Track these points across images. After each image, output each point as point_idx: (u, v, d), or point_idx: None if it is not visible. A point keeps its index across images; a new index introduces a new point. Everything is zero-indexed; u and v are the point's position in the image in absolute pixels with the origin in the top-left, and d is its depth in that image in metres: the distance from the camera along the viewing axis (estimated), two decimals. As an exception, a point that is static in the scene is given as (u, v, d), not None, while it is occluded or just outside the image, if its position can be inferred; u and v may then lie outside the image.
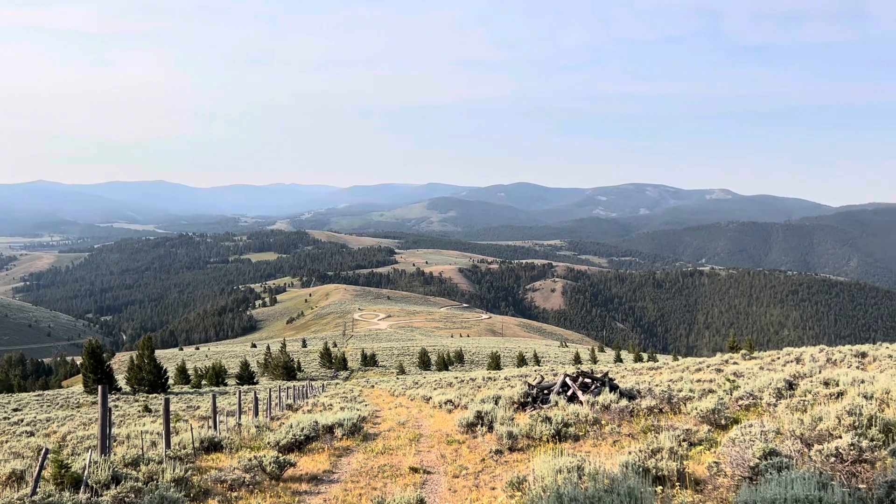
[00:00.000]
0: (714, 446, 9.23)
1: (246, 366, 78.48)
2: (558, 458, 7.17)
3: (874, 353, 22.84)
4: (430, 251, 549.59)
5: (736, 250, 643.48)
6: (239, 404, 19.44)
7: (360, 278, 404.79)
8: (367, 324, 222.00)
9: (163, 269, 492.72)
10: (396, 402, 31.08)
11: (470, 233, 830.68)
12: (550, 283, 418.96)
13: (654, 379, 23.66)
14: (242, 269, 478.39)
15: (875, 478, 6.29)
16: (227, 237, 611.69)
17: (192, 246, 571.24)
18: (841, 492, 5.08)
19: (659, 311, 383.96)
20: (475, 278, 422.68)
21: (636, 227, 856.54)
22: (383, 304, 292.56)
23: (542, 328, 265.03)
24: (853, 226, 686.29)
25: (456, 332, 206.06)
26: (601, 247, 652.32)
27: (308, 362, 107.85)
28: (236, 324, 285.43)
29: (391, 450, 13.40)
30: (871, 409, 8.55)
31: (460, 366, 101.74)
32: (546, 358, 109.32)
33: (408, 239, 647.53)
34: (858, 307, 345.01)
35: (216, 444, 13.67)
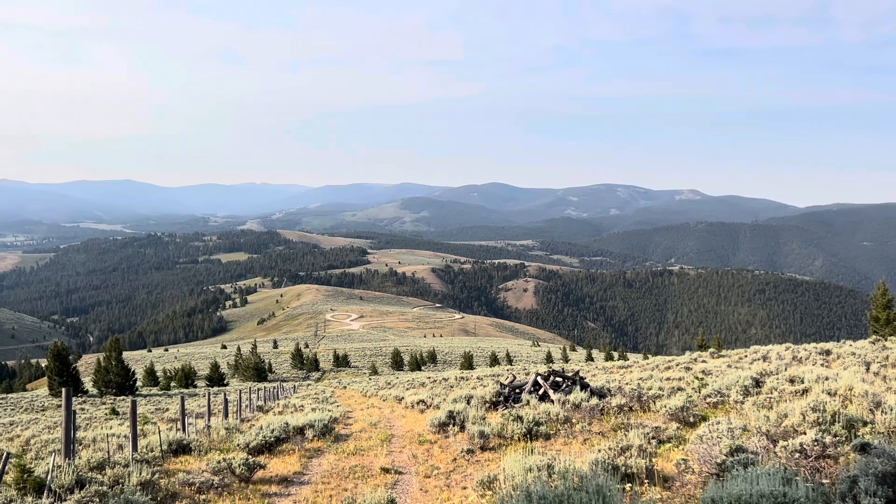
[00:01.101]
0: (683, 443, 9.33)
1: (216, 367, 77.54)
2: (529, 457, 7.19)
3: (838, 351, 23.29)
4: (402, 251, 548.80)
5: (705, 250, 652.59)
6: (208, 406, 19.19)
7: (332, 279, 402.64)
8: (340, 324, 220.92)
9: (131, 270, 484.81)
10: (369, 402, 30.96)
11: (443, 233, 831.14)
12: (523, 282, 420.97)
13: (625, 377, 23.88)
14: (212, 269, 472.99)
15: (838, 473, 6.41)
16: (197, 237, 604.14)
17: (160, 246, 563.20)
18: (805, 487, 5.16)
19: (629, 311, 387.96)
20: (448, 278, 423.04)
21: (607, 228, 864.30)
22: (356, 305, 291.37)
23: (515, 328, 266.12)
24: (818, 226, 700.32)
25: (429, 332, 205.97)
26: (573, 247, 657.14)
27: (279, 363, 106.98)
28: (206, 325, 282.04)
29: (362, 450, 13.33)
30: (835, 406, 8.72)
31: (433, 366, 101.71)
32: (518, 357, 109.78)
33: (380, 239, 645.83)
34: (823, 306, 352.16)
35: (185, 447, 13.49)
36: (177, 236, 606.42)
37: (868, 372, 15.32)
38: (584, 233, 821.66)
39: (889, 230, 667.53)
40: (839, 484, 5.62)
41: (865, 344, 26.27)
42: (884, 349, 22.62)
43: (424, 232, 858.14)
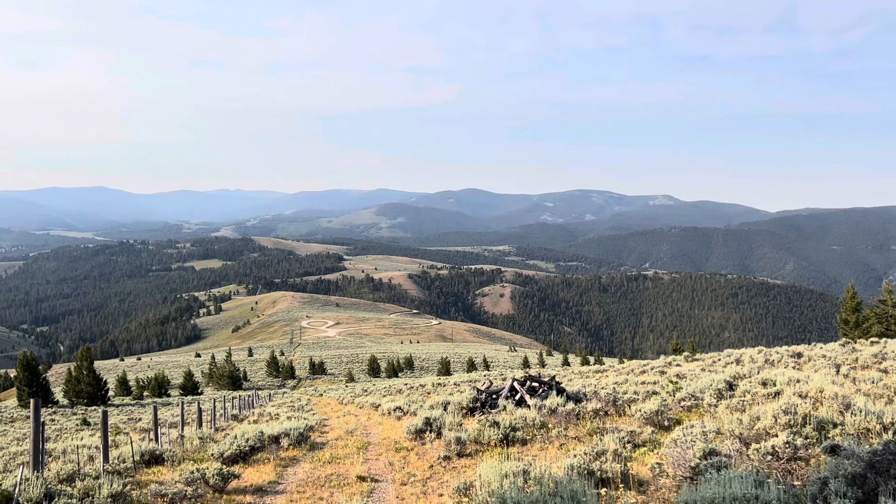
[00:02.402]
0: (657, 447, 9.39)
1: (190, 376, 76.64)
2: (505, 463, 7.19)
3: (809, 354, 23.64)
4: (379, 257, 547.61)
5: (678, 255, 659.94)
6: (182, 415, 18.95)
7: (308, 285, 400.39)
8: (316, 331, 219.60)
9: (102, 278, 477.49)
10: (345, 410, 30.79)
11: (419, 239, 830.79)
12: (499, 288, 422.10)
13: (601, 382, 24.01)
14: (186, 276, 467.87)
15: (809, 474, 6.49)
16: (170, 244, 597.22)
17: (133, 253, 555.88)
18: (776, 489, 5.22)
19: (605, 315, 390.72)
20: (425, 284, 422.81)
21: (582, 233, 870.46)
22: (332, 312, 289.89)
23: (492, 333, 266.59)
24: (789, 230, 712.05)
25: (406, 338, 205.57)
26: (549, 252, 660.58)
27: (254, 371, 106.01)
28: (180, 333, 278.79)
29: (338, 459, 13.24)
30: (806, 408, 8.84)
31: (410, 372, 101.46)
32: (495, 363, 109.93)
33: (357, 245, 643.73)
34: (795, 309, 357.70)
35: (157, 457, 13.29)
36: (150, 244, 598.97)
37: (838, 374, 15.57)
38: (559, 238, 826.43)
39: (857, 234, 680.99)
40: (810, 485, 5.70)
41: (836, 346, 26.69)
42: (853, 351, 23.01)
43: (401, 238, 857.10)
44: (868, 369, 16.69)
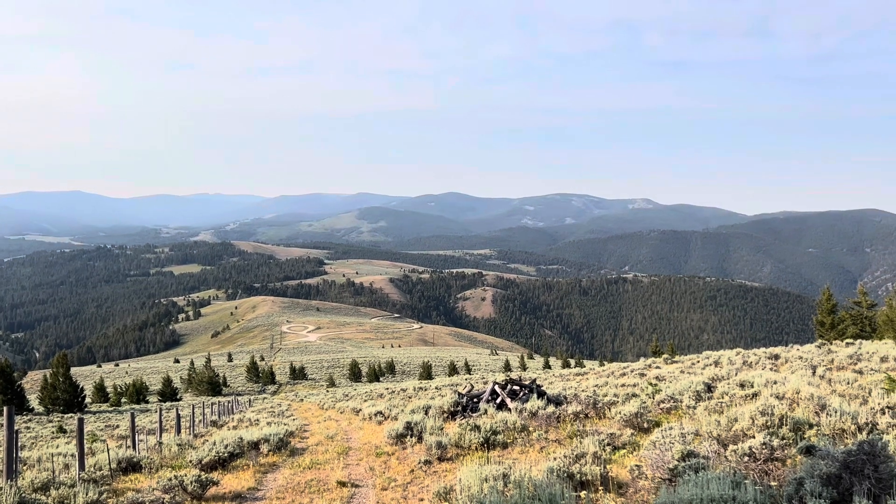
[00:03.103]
0: (637, 449, 9.45)
1: (168, 382, 75.86)
2: (485, 467, 7.19)
3: (786, 355, 23.92)
4: (360, 261, 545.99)
5: (657, 258, 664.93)
6: (160, 422, 18.75)
7: (288, 290, 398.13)
8: (296, 336, 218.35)
9: (79, 283, 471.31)
10: (326, 415, 30.62)
11: (400, 243, 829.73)
12: (481, 291, 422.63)
13: (581, 384, 24.11)
14: (164, 281, 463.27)
15: (785, 475, 6.56)
16: (148, 249, 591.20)
17: (110, 258, 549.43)
18: (753, 490, 5.27)
19: (585, 318, 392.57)
20: (406, 288, 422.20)
21: (563, 236, 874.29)
22: (313, 316, 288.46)
23: (473, 337, 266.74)
24: (766, 233, 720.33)
25: (387, 342, 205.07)
26: (529, 255, 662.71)
27: (234, 377, 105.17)
28: (158, 339, 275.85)
29: (319, 464, 13.16)
30: (783, 409, 8.94)
31: (392, 376, 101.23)
32: (477, 366, 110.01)
33: (337, 249, 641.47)
34: (772, 311, 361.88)
35: (135, 465, 13.13)
36: (127, 248, 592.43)
37: (814, 375, 15.77)
38: (540, 241, 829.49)
39: (833, 237, 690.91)
40: (786, 486, 5.76)
41: (812, 348, 27.04)
42: (829, 353, 23.32)
43: (382, 242, 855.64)
44: (843, 370, 16.93)
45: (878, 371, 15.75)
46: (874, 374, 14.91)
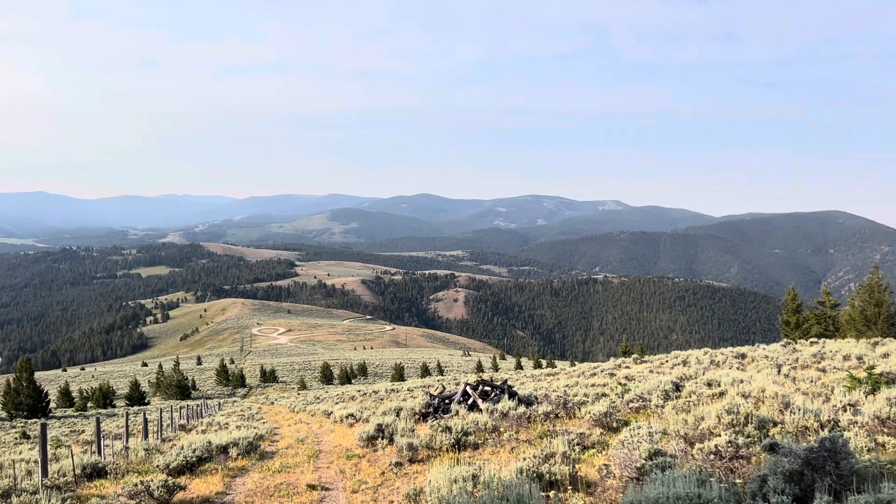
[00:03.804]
0: (606, 449, 9.53)
1: (136, 386, 74.62)
2: (455, 468, 7.19)
3: (752, 354, 24.32)
4: (332, 263, 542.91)
5: (627, 259, 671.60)
6: (126, 426, 18.43)
7: (258, 292, 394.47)
8: (267, 339, 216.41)
9: (44, 286, 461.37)
10: (296, 418, 30.41)
11: (373, 244, 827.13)
12: (453, 293, 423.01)
13: (552, 385, 24.24)
14: (132, 284, 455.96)
15: (750, 472, 6.67)
16: (115, 251, 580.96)
17: (76, 260, 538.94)
18: (718, 487, 5.35)
19: (557, 319, 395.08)
20: (379, 290, 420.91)
21: (534, 238, 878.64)
22: (283, 318, 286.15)
23: (446, 338, 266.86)
24: (733, 234, 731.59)
25: (359, 344, 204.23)
26: (501, 257, 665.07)
27: (203, 380, 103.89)
28: (126, 342, 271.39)
29: (289, 468, 13.06)
30: (748, 408, 9.08)
31: (364, 379, 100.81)
32: (449, 367, 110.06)
33: (309, 251, 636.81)
34: (739, 311, 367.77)
35: (100, 470, 12.90)
36: (94, 250, 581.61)
37: (779, 374, 16.05)
38: (512, 243, 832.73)
39: (798, 238, 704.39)
40: (751, 483, 5.85)
41: (777, 347, 27.52)
42: (794, 352, 23.76)
43: (354, 243, 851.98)
44: (808, 369, 17.25)
45: (841, 369, 16.08)
46: (837, 373, 15.22)
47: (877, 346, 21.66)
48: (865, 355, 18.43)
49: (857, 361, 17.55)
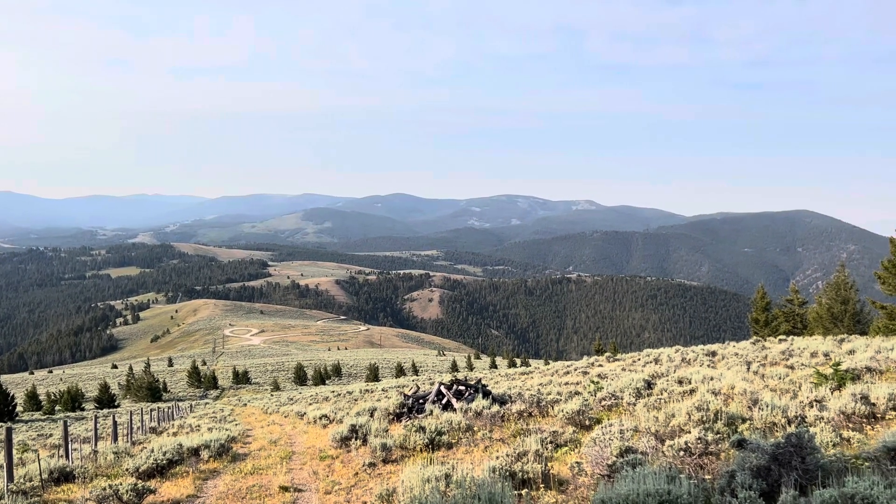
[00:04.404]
0: (578, 447, 9.59)
1: (106, 388, 73.46)
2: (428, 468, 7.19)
3: (723, 352, 24.65)
4: (305, 263, 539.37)
5: (600, 258, 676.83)
6: (95, 430, 18.13)
7: (231, 293, 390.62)
8: (240, 340, 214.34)
9: (10, 287, 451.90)
10: (269, 419, 30.17)
11: (347, 244, 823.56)
12: (428, 292, 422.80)
13: (526, 383, 24.35)
14: (101, 285, 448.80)
15: (719, 468, 6.76)
16: (84, 251, 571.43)
17: (43, 261, 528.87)
18: (688, 484, 5.41)
19: (531, 318, 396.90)
20: (353, 290, 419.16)
21: (509, 237, 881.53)
22: (256, 319, 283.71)
23: (421, 338, 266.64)
24: (704, 234, 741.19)
25: (333, 345, 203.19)
26: (476, 256, 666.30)
27: (175, 382, 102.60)
28: (95, 344, 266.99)
29: (261, 469, 12.95)
30: (718, 405, 9.21)
31: (338, 379, 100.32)
32: (424, 367, 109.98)
33: (282, 251, 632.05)
34: (710, 309, 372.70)
35: (68, 475, 12.69)
36: (62, 251, 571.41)
37: (749, 371, 16.29)
38: (486, 242, 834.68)
39: (767, 237, 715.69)
40: (719, 479, 5.94)
41: (747, 345, 27.92)
42: (763, 349, 24.13)
43: (328, 243, 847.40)
44: (776, 366, 17.54)
45: (808, 366, 16.37)
46: (804, 369, 15.50)
47: (843, 342, 22.09)
48: (832, 352, 18.78)
49: (824, 358, 17.88)
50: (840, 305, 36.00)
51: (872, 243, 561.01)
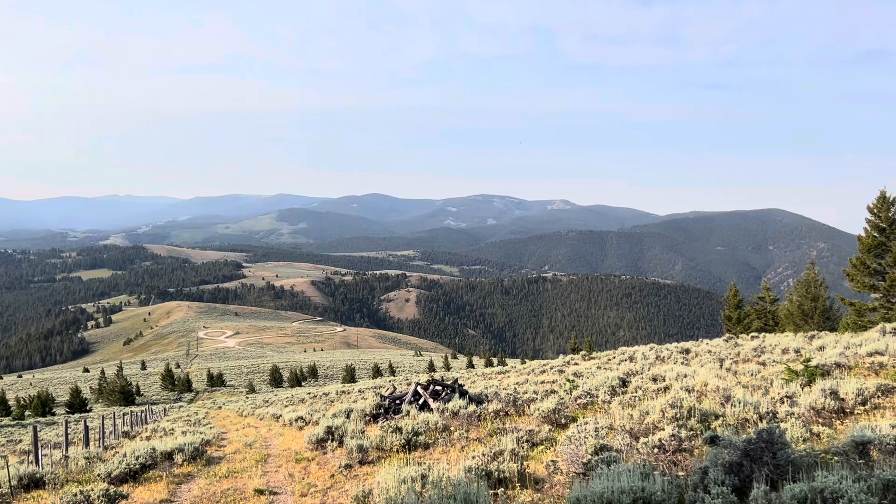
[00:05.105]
0: (554, 445, 9.63)
1: (77, 392, 72.28)
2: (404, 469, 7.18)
3: (696, 350, 24.92)
4: (280, 264, 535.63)
5: (576, 257, 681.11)
6: (66, 434, 17.83)
7: (205, 294, 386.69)
8: (214, 342, 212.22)
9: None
10: (245, 422, 29.92)
11: (322, 244, 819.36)
12: (405, 293, 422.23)
13: (503, 383, 24.42)
14: (72, 287, 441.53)
15: (692, 465, 6.83)
16: (54, 253, 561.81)
17: (12, 264, 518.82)
18: (661, 480, 5.47)
19: (507, 317, 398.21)
20: (329, 291, 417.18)
21: (485, 237, 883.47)
22: (231, 321, 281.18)
23: (398, 338, 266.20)
24: (677, 232, 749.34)
25: (309, 346, 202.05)
26: (452, 256, 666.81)
27: (148, 385, 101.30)
28: (66, 347, 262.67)
29: (236, 473, 12.83)
30: (691, 402, 9.30)
31: (314, 381, 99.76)
32: (401, 368, 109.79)
33: (256, 252, 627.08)
34: (684, 307, 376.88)
35: (38, 481, 12.45)
36: (31, 253, 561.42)
37: (722, 368, 16.49)
38: (463, 242, 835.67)
39: (739, 236, 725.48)
40: (693, 475, 6.00)
41: (720, 342, 28.25)
42: (736, 346, 24.44)
43: (303, 244, 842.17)
44: (748, 362, 17.77)
45: (780, 362, 16.61)
46: (776, 366, 15.72)
47: (813, 339, 22.46)
48: (803, 348, 19.09)
49: (795, 354, 18.16)
50: (810, 302, 36.60)
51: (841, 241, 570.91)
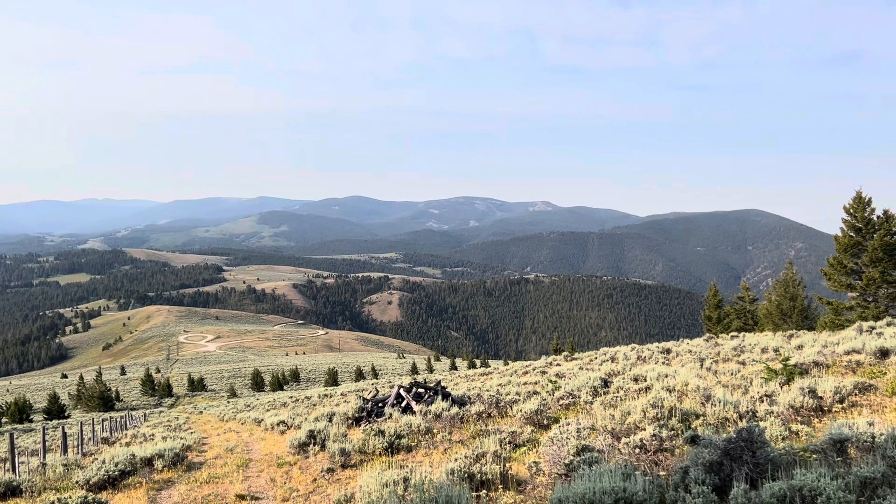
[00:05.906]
0: (537, 446, 9.65)
1: (55, 398, 71.36)
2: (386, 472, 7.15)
3: (677, 350, 25.10)
4: (261, 267, 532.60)
5: (557, 258, 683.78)
6: (43, 441, 17.59)
7: (185, 298, 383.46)
8: (195, 346, 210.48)
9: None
10: (226, 427, 29.68)
11: (304, 247, 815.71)
12: (387, 295, 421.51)
13: (485, 384, 24.44)
14: (49, 292, 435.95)
15: (673, 464, 6.87)
16: (31, 258, 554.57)
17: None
18: (643, 480, 5.49)
19: (490, 319, 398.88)
20: (311, 294, 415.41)
21: (467, 239, 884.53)
22: (212, 325, 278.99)
23: (381, 341, 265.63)
24: (658, 233, 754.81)
25: (291, 349, 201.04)
26: (435, 258, 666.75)
27: (128, 391, 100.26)
28: (43, 353, 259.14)
29: (217, 478, 12.72)
30: (672, 401, 9.36)
31: (297, 385, 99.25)
32: (384, 370, 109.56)
33: (237, 255, 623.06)
34: (665, 307, 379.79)
35: (14, 489, 12.27)
36: (7, 258, 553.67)
37: (702, 368, 16.62)
38: (445, 244, 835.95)
39: (719, 236, 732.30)
40: (674, 475, 6.03)
41: (700, 342, 28.49)
42: (716, 346, 24.66)
43: (284, 247, 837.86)
44: (728, 362, 17.93)
45: (759, 362, 16.76)
46: (755, 365, 15.87)
47: (792, 338, 22.72)
48: (782, 347, 19.30)
49: (774, 353, 18.35)
50: (789, 302, 37.03)
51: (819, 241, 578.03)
